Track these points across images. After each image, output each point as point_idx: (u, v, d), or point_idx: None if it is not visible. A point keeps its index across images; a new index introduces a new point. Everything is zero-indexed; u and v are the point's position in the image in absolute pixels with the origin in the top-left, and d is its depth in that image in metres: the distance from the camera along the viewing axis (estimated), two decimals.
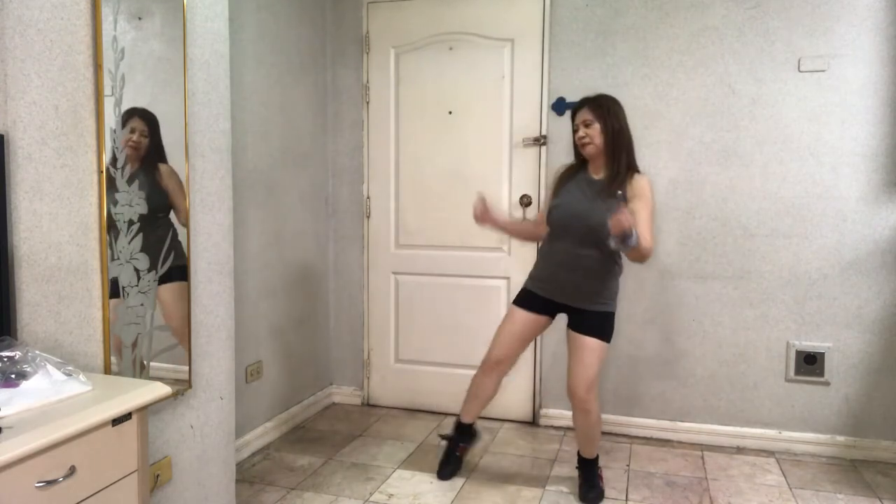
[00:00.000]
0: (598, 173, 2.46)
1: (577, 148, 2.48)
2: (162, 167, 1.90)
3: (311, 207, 3.45)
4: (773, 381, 3.05)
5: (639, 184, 2.39)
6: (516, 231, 2.74)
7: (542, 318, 2.55)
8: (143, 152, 1.84)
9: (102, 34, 1.64)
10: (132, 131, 1.79)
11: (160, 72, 1.86)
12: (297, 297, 3.34)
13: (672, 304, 3.14)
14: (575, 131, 2.46)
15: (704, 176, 3.06)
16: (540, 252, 2.61)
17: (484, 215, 2.52)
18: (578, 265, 2.41)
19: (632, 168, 2.42)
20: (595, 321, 2.42)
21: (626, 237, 2.11)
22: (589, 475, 2.59)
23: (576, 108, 2.47)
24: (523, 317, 2.54)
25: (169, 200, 1.92)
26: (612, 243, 2.19)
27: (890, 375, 2.92)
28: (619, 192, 2.35)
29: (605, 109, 2.41)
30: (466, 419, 2.74)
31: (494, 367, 2.61)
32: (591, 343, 2.41)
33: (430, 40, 3.39)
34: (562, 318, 2.52)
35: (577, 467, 2.64)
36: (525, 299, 2.56)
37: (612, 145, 2.39)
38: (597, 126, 2.39)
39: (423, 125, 3.44)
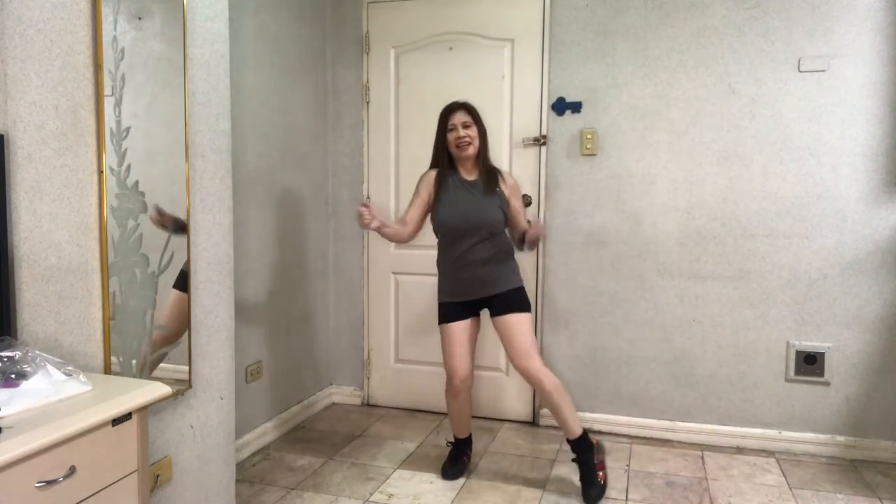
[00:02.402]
0: (469, 174, 2.63)
1: (447, 149, 2.61)
2: None
3: (311, 207, 3.45)
4: (773, 381, 3.05)
5: (511, 181, 2.68)
6: (391, 233, 2.57)
7: (471, 321, 2.65)
8: None
9: (102, 34, 1.64)
10: None
11: (160, 72, 1.86)
12: (297, 297, 3.34)
13: (672, 304, 3.14)
14: (450, 131, 2.58)
15: (704, 176, 3.06)
16: (442, 263, 2.65)
17: (371, 220, 2.38)
18: (482, 259, 2.56)
19: (494, 167, 2.67)
20: (512, 298, 2.58)
21: (537, 243, 2.56)
22: (587, 471, 2.58)
23: (449, 110, 2.61)
24: (460, 327, 2.61)
25: None
26: (524, 249, 2.63)
27: (890, 375, 2.92)
28: (498, 189, 2.60)
29: (477, 114, 2.62)
30: (462, 436, 2.80)
31: (461, 386, 2.63)
32: (517, 318, 2.56)
33: (430, 40, 3.39)
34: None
35: (573, 460, 2.62)
36: (450, 313, 2.63)
37: (483, 148, 2.63)
38: (475, 129, 2.59)
39: (423, 125, 3.43)
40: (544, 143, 3.24)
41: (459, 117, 2.58)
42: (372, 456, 2.97)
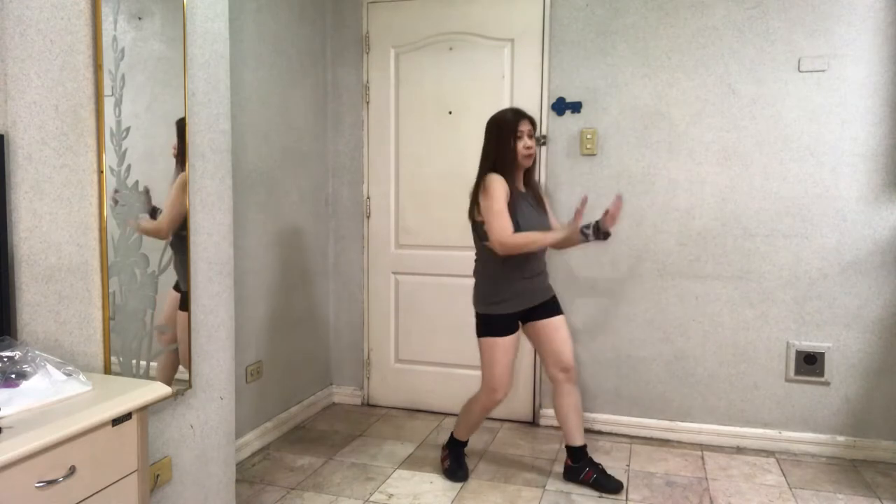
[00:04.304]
0: (520, 185, 2.59)
1: (514, 157, 2.50)
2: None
3: (311, 207, 3.45)
4: (773, 381, 3.05)
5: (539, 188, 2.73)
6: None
7: (518, 333, 2.63)
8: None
9: (102, 34, 1.64)
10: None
11: (160, 72, 1.86)
12: (297, 297, 3.34)
13: (672, 304, 3.14)
14: (519, 138, 2.50)
15: (704, 176, 3.06)
16: (504, 273, 2.52)
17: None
18: (541, 270, 2.64)
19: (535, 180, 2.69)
20: (555, 302, 2.67)
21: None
22: (601, 469, 2.65)
23: (519, 116, 2.52)
24: (513, 343, 2.58)
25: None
26: (597, 238, 2.45)
27: (890, 375, 2.92)
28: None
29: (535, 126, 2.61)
30: (464, 438, 2.79)
31: (502, 399, 2.63)
32: (562, 319, 2.65)
33: (430, 40, 3.39)
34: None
35: (573, 465, 2.66)
36: (506, 326, 2.55)
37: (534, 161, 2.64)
38: (533, 141, 2.56)
39: (423, 125, 3.44)
40: (544, 143, 3.24)
41: (527, 126, 2.51)
42: (372, 456, 2.97)
